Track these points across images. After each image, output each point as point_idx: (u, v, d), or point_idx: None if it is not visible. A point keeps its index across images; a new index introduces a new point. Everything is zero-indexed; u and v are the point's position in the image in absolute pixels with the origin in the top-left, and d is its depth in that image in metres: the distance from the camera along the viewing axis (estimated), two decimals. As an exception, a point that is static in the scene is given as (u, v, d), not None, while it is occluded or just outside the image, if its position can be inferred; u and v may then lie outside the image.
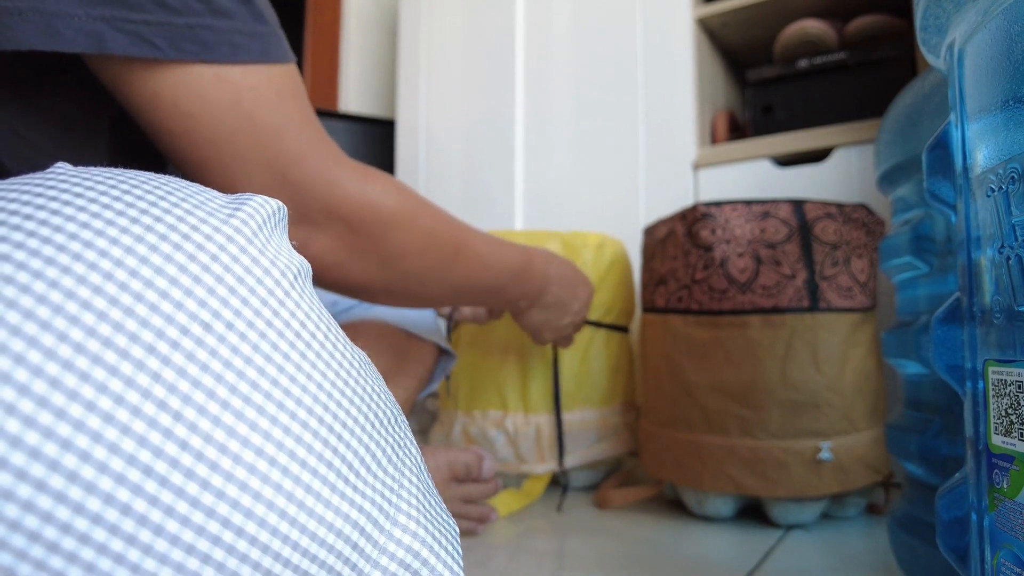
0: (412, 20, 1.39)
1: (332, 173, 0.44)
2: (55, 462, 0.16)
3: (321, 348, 0.22)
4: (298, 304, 0.22)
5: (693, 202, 1.03)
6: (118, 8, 0.35)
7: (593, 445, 0.81)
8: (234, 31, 0.39)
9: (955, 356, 0.31)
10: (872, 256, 0.68)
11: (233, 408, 0.19)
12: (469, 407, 0.82)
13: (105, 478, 0.17)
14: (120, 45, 0.35)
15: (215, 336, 0.19)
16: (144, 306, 0.19)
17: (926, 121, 0.45)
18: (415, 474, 0.25)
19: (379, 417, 0.24)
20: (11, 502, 0.16)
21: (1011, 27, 0.26)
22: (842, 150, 0.93)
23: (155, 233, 0.20)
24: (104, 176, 0.21)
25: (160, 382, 0.18)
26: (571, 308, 0.68)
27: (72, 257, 0.18)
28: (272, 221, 0.23)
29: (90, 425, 0.17)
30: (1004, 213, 0.26)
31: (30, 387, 0.16)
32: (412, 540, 0.23)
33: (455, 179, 1.30)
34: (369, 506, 0.22)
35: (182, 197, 0.21)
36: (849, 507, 0.67)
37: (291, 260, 0.23)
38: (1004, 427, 0.26)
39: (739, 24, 1.08)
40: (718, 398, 0.65)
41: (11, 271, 0.17)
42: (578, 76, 1.17)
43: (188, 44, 0.37)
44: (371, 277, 0.48)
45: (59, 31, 0.34)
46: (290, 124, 0.42)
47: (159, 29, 0.36)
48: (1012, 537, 0.25)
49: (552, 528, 0.67)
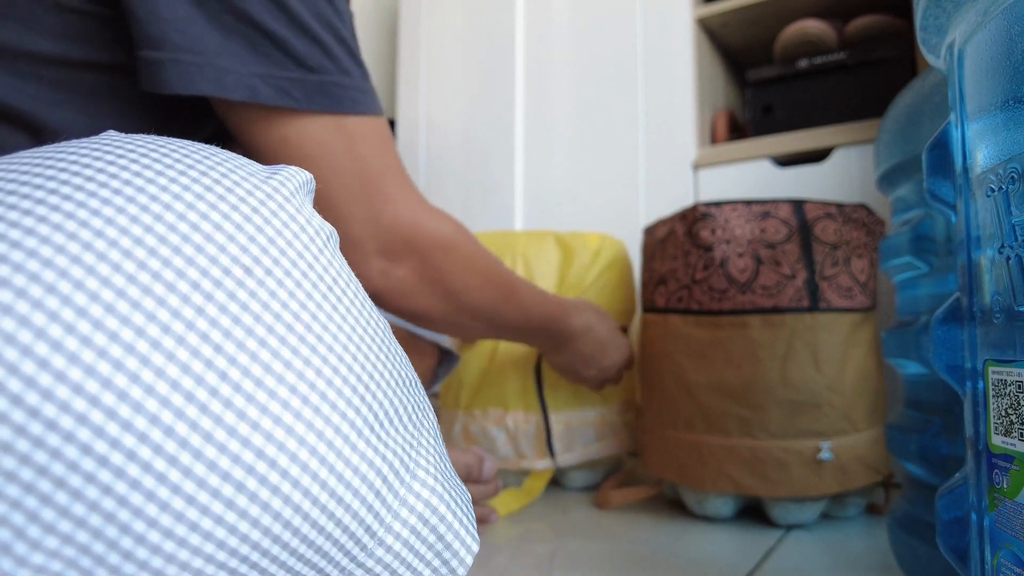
0: (412, 19, 1.39)
1: (417, 212, 0.51)
2: (108, 380, 0.17)
3: (351, 305, 0.24)
4: (330, 262, 0.24)
5: (693, 202, 1.03)
6: (268, 67, 0.43)
7: (592, 444, 0.81)
8: (353, 87, 0.47)
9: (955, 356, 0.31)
10: (872, 256, 0.68)
11: (270, 347, 0.20)
12: (469, 406, 0.82)
13: (152, 400, 0.18)
14: (269, 96, 0.43)
15: (255, 280, 0.21)
16: (191, 246, 0.20)
17: (926, 121, 0.45)
18: (432, 436, 0.26)
19: (402, 377, 0.25)
20: (54, 431, 0.17)
21: (1011, 27, 0.26)
22: (842, 150, 0.93)
23: (201, 184, 0.21)
24: (147, 140, 0.23)
25: (204, 316, 0.19)
26: (598, 364, 0.73)
27: (116, 210, 0.19)
28: (304, 189, 0.25)
29: (140, 350, 0.18)
30: (1004, 213, 0.26)
31: (88, 310, 0.18)
32: (431, 495, 0.24)
33: (455, 178, 1.30)
34: (392, 456, 0.23)
35: (222, 159, 0.23)
36: (849, 507, 0.67)
37: (322, 225, 0.24)
38: (1004, 427, 0.26)
39: (739, 24, 1.08)
40: (718, 398, 0.65)
41: (60, 220, 0.18)
42: (578, 76, 1.17)
43: (320, 98, 0.45)
44: (434, 307, 0.55)
45: (225, 82, 0.42)
46: (389, 168, 0.50)
47: (298, 84, 0.44)
48: (1012, 537, 0.25)
49: (552, 528, 0.67)
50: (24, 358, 0.16)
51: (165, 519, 0.18)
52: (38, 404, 0.16)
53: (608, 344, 0.73)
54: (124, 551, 0.17)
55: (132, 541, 0.17)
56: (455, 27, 1.33)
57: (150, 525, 0.17)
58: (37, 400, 0.16)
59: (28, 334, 0.17)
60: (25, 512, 0.16)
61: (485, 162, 1.26)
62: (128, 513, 0.17)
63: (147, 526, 0.17)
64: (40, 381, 0.16)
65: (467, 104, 1.30)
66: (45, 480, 0.16)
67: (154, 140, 0.23)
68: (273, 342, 0.20)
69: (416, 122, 1.36)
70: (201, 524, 0.18)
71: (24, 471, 0.16)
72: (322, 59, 0.45)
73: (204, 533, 0.18)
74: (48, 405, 0.16)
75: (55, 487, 0.17)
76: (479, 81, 1.28)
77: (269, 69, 0.43)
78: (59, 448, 0.16)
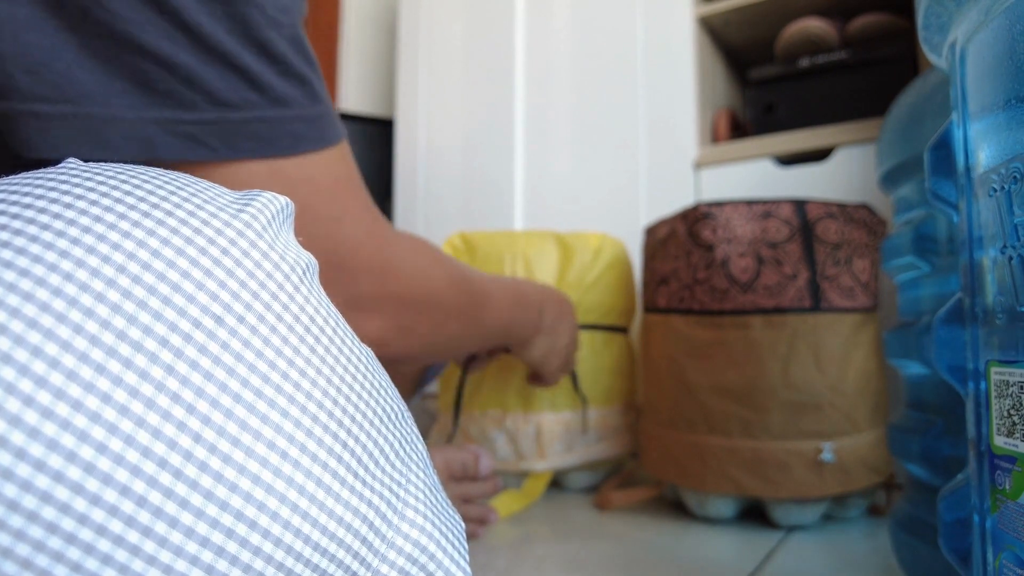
0: (411, 19, 1.39)
1: (387, 254, 0.43)
2: (72, 453, 0.17)
3: (330, 343, 0.23)
4: (307, 299, 0.23)
5: (694, 201, 1.02)
6: (171, 109, 0.33)
7: (593, 445, 0.81)
8: (293, 119, 0.36)
9: (957, 357, 0.31)
10: (874, 256, 0.68)
11: (245, 402, 0.19)
12: (469, 406, 0.82)
13: (121, 470, 0.17)
14: (172, 150, 0.33)
15: (226, 330, 0.20)
16: (157, 299, 0.19)
17: (928, 120, 0.45)
18: (421, 469, 0.25)
19: (386, 412, 0.24)
20: (30, 493, 0.16)
21: (1013, 26, 0.25)
22: (844, 149, 0.93)
23: (166, 227, 0.20)
24: (115, 171, 0.21)
25: (174, 375, 0.18)
26: (562, 326, 0.69)
27: (86, 250, 0.18)
28: (280, 217, 0.23)
29: (106, 417, 0.17)
30: (1006, 213, 0.26)
31: (47, 379, 0.17)
32: (420, 535, 0.23)
33: (455, 178, 1.30)
34: (377, 500, 0.22)
35: (192, 192, 0.22)
36: (851, 508, 0.67)
37: (299, 256, 0.23)
38: (1006, 428, 0.26)
39: (740, 23, 1.07)
40: (720, 399, 0.65)
41: (27, 264, 0.18)
42: (578, 75, 1.17)
43: (243, 141, 0.35)
44: (413, 349, 0.48)
45: (108, 139, 0.32)
46: (347, 213, 0.41)
47: (212, 128, 0.34)
48: (1014, 538, 0.25)
49: (552, 530, 0.67)
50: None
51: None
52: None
53: (556, 298, 0.69)
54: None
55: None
56: (455, 26, 1.33)
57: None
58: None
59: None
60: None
61: (485, 161, 1.26)
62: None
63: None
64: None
65: (467, 103, 1.30)
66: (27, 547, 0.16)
67: (120, 172, 0.21)
68: (248, 396, 0.19)
69: (415, 121, 1.36)
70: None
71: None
72: (244, 89, 0.34)
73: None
74: (8, 486, 0.16)
75: (33, 551, 0.16)
76: (479, 80, 1.28)
77: (172, 112, 0.33)
78: (23, 529, 0.16)
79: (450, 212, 1.29)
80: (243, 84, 0.34)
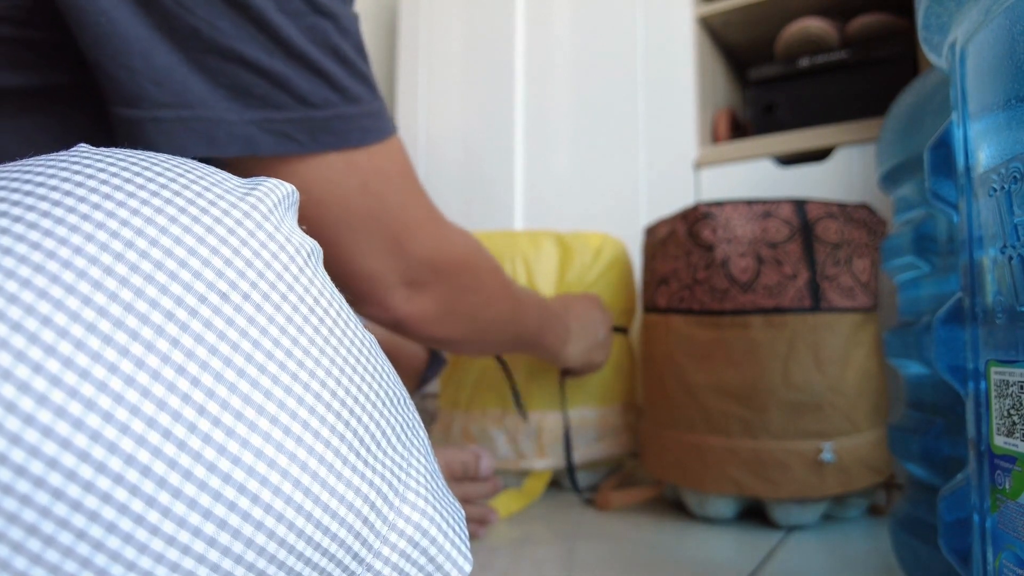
0: (411, 19, 1.39)
1: (439, 239, 0.49)
2: (79, 421, 0.17)
3: (334, 325, 0.23)
4: (311, 281, 0.23)
5: (694, 201, 1.02)
6: (266, 110, 0.38)
7: (592, 444, 0.81)
8: (362, 115, 0.42)
9: (957, 356, 0.31)
10: (874, 256, 0.68)
11: (249, 377, 0.20)
12: (469, 406, 0.82)
13: (127, 439, 0.17)
14: (268, 146, 0.38)
15: (231, 305, 0.20)
16: (164, 273, 0.19)
17: (928, 120, 0.45)
18: (423, 455, 0.26)
19: (388, 396, 0.25)
20: (23, 478, 0.16)
21: (1013, 26, 0.25)
22: (844, 149, 0.93)
23: (174, 205, 0.20)
24: (124, 155, 0.22)
25: (178, 346, 0.19)
26: (591, 319, 0.73)
27: (95, 226, 0.19)
28: (285, 203, 0.24)
29: (112, 387, 0.17)
30: (1006, 213, 0.26)
31: (56, 348, 0.17)
32: (421, 517, 0.23)
33: (455, 178, 1.30)
34: (379, 481, 0.22)
35: (199, 176, 0.22)
36: (851, 508, 0.67)
37: (303, 241, 0.23)
38: (1006, 428, 0.26)
39: (740, 23, 1.07)
40: (720, 399, 0.65)
41: (38, 238, 0.18)
42: (578, 75, 1.17)
43: (324, 136, 0.40)
44: (455, 331, 0.53)
45: (217, 138, 0.37)
46: (409, 198, 0.46)
47: (300, 126, 0.39)
48: (1014, 538, 0.25)
49: (552, 530, 0.67)
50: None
51: (144, 562, 0.17)
52: (4, 449, 0.16)
53: (587, 304, 0.74)
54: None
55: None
56: (455, 26, 1.33)
57: (128, 569, 0.17)
58: (4, 445, 0.16)
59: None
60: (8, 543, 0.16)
61: (485, 161, 1.26)
62: (105, 558, 0.17)
63: (125, 570, 0.17)
64: (7, 425, 0.16)
65: (467, 103, 1.30)
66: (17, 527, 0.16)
67: (129, 155, 0.22)
68: (252, 371, 0.20)
69: (415, 121, 1.36)
70: (183, 564, 0.18)
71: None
72: (326, 91, 0.40)
73: (186, 574, 0.18)
74: (16, 450, 0.16)
75: (31, 530, 0.16)
76: (479, 80, 1.28)
77: (267, 113, 0.38)
78: (29, 494, 0.16)
79: (450, 212, 1.29)
80: (325, 86, 0.40)
